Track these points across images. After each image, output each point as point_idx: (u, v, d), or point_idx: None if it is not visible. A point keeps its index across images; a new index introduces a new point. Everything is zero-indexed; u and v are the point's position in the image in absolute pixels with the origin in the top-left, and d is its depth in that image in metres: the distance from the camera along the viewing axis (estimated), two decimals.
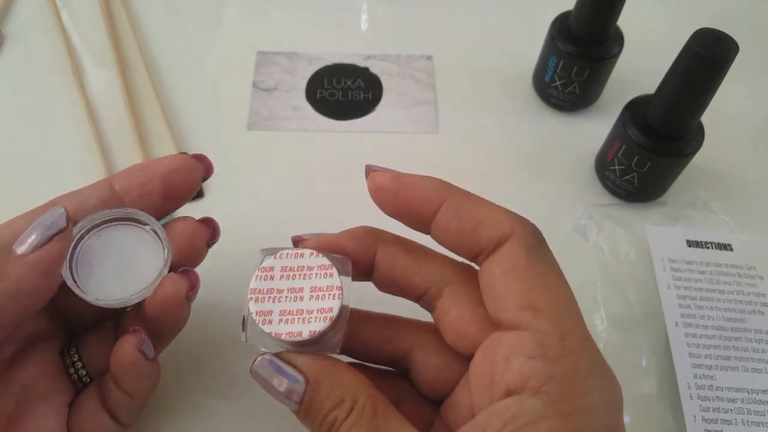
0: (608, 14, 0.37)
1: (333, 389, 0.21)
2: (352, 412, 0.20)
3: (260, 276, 0.22)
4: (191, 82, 0.43)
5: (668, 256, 0.35)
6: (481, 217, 0.22)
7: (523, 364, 0.19)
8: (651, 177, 0.36)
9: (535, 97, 0.44)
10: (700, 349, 0.31)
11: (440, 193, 0.22)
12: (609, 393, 0.20)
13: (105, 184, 0.25)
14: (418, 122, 0.42)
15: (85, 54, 0.45)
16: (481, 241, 0.21)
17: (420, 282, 0.23)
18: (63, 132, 0.41)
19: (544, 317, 0.20)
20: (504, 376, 0.19)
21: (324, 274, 0.22)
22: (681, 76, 0.31)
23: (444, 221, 0.22)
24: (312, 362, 0.21)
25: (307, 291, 0.22)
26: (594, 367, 0.19)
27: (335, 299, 0.22)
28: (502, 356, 0.20)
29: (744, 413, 0.30)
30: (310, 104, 0.43)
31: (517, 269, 0.21)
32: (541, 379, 0.19)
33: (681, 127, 0.34)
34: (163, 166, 0.25)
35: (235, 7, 0.49)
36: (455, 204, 0.22)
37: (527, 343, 0.19)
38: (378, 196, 0.23)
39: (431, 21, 0.48)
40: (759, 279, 0.34)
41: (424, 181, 0.23)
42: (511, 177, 0.40)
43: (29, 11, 0.48)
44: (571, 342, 0.19)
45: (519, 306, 0.20)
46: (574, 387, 0.19)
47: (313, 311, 0.21)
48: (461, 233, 0.22)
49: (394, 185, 0.23)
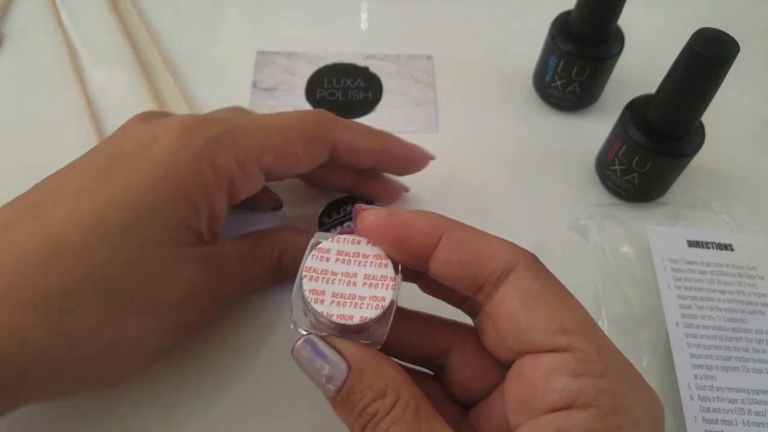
0: (609, 14, 0.37)
1: (376, 380, 0.21)
2: (395, 407, 0.20)
3: (316, 256, 0.22)
4: (191, 81, 0.43)
5: (669, 256, 0.35)
6: (482, 248, 0.21)
7: (569, 383, 0.19)
8: (652, 177, 0.36)
9: (536, 97, 0.44)
10: (701, 349, 0.31)
11: (438, 226, 0.22)
12: (655, 405, 0.20)
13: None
14: (418, 122, 0.42)
15: (85, 53, 0.45)
16: (485, 271, 0.21)
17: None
18: (63, 131, 0.41)
19: (577, 335, 0.19)
20: (547, 397, 0.19)
21: (379, 264, 0.22)
22: (682, 76, 0.31)
23: (444, 254, 0.22)
24: (357, 349, 0.21)
25: (361, 278, 0.22)
26: (635, 380, 0.20)
27: (388, 289, 0.21)
28: (541, 377, 0.19)
29: (744, 414, 0.29)
30: (310, 104, 0.43)
31: (535, 295, 0.20)
32: (590, 395, 0.18)
33: (682, 127, 0.34)
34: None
35: (235, 7, 0.49)
36: (455, 235, 0.22)
37: (569, 362, 0.19)
38: (371, 236, 0.23)
39: (431, 21, 0.48)
40: (760, 279, 0.34)
41: (419, 216, 0.22)
42: (511, 177, 0.40)
43: (29, 10, 0.48)
44: (609, 356, 0.20)
45: (550, 330, 0.20)
46: (623, 400, 0.19)
47: (365, 298, 0.21)
48: (463, 265, 0.21)
49: (388, 222, 0.22)
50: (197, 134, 0.26)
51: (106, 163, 0.25)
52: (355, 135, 0.30)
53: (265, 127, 0.28)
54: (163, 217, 0.24)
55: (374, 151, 0.31)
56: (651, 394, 0.20)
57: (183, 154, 0.25)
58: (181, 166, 0.25)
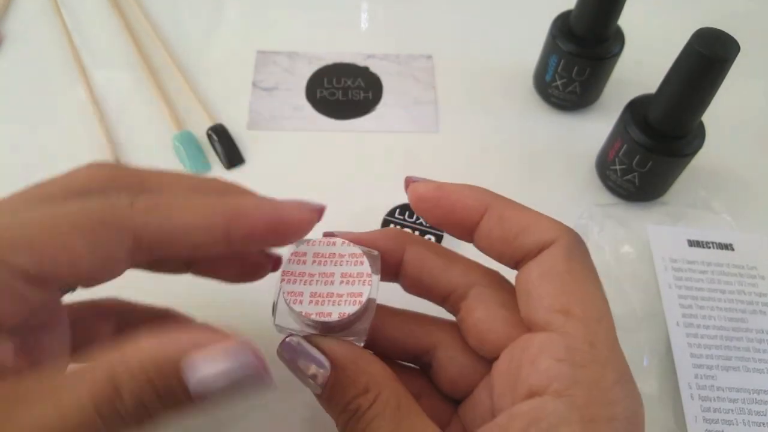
0: (609, 13, 0.37)
1: (358, 377, 0.21)
2: (376, 403, 0.20)
3: (293, 260, 0.23)
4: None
5: (669, 255, 0.35)
6: (525, 224, 0.22)
7: (550, 366, 0.19)
8: (652, 177, 0.36)
9: (536, 96, 0.43)
10: (702, 349, 0.31)
11: (483, 201, 0.22)
12: (633, 406, 0.19)
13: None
14: (418, 122, 0.42)
15: (86, 52, 0.45)
16: (525, 247, 0.21)
17: (447, 284, 0.24)
18: (64, 131, 0.41)
19: (576, 322, 0.20)
20: (529, 377, 0.19)
21: (355, 262, 0.23)
22: (682, 76, 0.31)
23: (487, 229, 0.22)
24: (339, 347, 0.21)
25: (338, 276, 0.22)
26: (621, 379, 0.19)
27: (365, 285, 0.22)
28: (530, 357, 0.20)
29: (745, 413, 0.29)
30: (310, 104, 0.43)
31: (555, 272, 0.21)
32: (565, 382, 0.19)
33: (682, 127, 0.34)
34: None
35: (235, 7, 0.49)
36: (498, 211, 0.22)
37: (556, 345, 0.19)
38: (420, 206, 0.23)
39: (431, 21, 0.48)
40: (760, 279, 0.34)
41: (467, 190, 0.23)
42: (511, 177, 0.39)
43: (29, 10, 0.47)
44: (601, 350, 0.19)
45: (552, 308, 0.20)
46: (600, 394, 0.18)
47: (343, 295, 0.22)
48: (504, 240, 0.22)
49: (437, 195, 0.23)
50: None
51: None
52: (173, 215, 0.20)
53: (24, 222, 0.19)
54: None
55: (213, 233, 0.20)
56: (634, 394, 0.20)
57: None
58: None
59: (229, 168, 0.39)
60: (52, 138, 0.40)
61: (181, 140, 0.39)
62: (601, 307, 0.21)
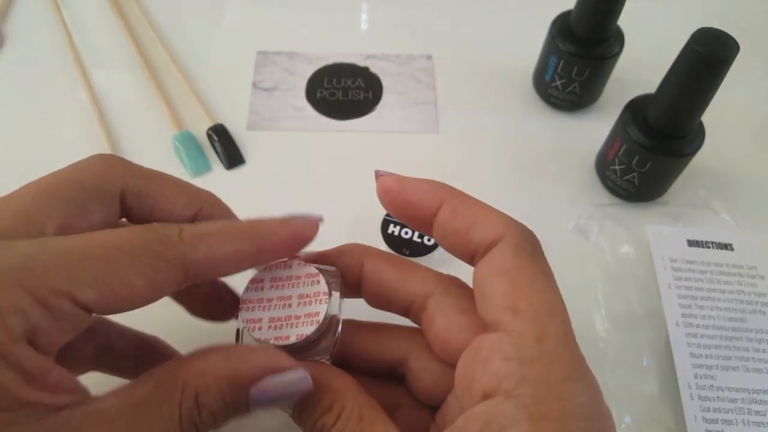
0: (609, 14, 0.37)
1: (322, 395, 0.21)
2: (340, 418, 0.21)
3: (251, 287, 0.23)
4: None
5: (669, 255, 0.35)
6: (475, 218, 0.22)
7: (499, 366, 0.19)
8: (652, 177, 0.36)
9: (536, 96, 0.44)
10: (701, 349, 0.31)
11: (439, 194, 0.23)
12: (588, 399, 0.19)
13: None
14: (418, 122, 0.42)
15: (86, 52, 0.45)
16: (474, 241, 0.22)
17: (405, 295, 0.24)
18: (64, 131, 0.41)
19: (524, 319, 0.19)
20: (481, 379, 0.19)
21: (311, 282, 0.23)
22: (682, 76, 0.31)
23: (441, 221, 0.23)
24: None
25: (295, 298, 0.23)
26: (573, 374, 0.19)
27: (322, 304, 0.22)
28: (481, 359, 0.20)
29: (745, 413, 0.29)
30: (310, 104, 0.43)
31: (504, 270, 0.21)
32: (513, 381, 0.18)
33: (681, 127, 0.34)
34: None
35: (235, 7, 0.49)
36: (452, 205, 0.22)
37: (505, 344, 0.19)
38: (384, 199, 0.24)
39: (431, 21, 0.48)
40: (760, 279, 0.34)
41: (424, 183, 0.23)
42: (511, 177, 0.40)
43: (30, 10, 0.48)
44: (549, 345, 0.19)
45: (501, 306, 0.20)
46: (549, 390, 0.18)
47: (300, 316, 0.22)
48: (456, 233, 0.22)
49: (398, 188, 0.23)
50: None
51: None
52: (214, 244, 0.21)
53: (82, 250, 0.19)
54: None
55: (246, 256, 0.22)
56: (587, 388, 0.19)
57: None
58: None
59: (229, 168, 0.39)
60: (52, 138, 0.40)
61: (181, 140, 0.39)
62: (550, 301, 0.20)
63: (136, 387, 0.19)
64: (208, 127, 0.40)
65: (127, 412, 0.18)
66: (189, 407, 0.19)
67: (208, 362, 0.20)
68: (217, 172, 0.39)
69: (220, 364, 0.20)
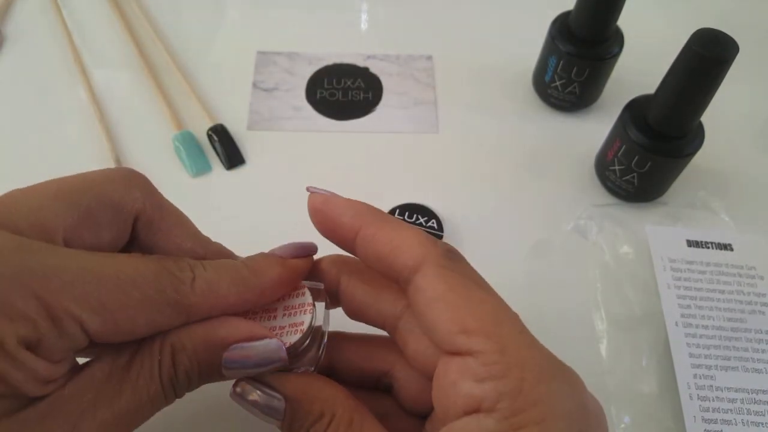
0: (608, 14, 0.37)
1: (312, 405, 0.22)
2: (331, 425, 0.21)
3: None
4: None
5: (668, 255, 0.35)
6: (394, 243, 0.22)
7: (472, 388, 0.19)
8: (651, 177, 0.36)
9: (535, 97, 0.44)
10: (700, 349, 0.31)
11: (358, 218, 0.23)
12: (565, 396, 0.19)
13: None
14: (418, 122, 0.42)
15: (86, 52, 0.45)
16: (396, 268, 0.22)
17: (377, 316, 0.24)
18: (65, 132, 0.41)
19: (478, 336, 0.19)
20: (456, 401, 0.19)
21: (296, 294, 0.23)
22: (681, 76, 0.31)
23: (362, 246, 0.22)
24: (289, 381, 0.22)
25: (281, 310, 0.23)
26: (543, 373, 0.19)
27: (306, 314, 0.22)
28: (450, 383, 0.20)
29: (744, 413, 0.29)
30: (310, 104, 0.43)
31: (437, 296, 0.20)
32: (492, 399, 0.19)
33: (681, 127, 0.34)
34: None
35: (235, 7, 0.49)
36: (371, 230, 0.22)
37: (471, 366, 0.19)
38: (312, 217, 0.24)
39: (431, 21, 0.49)
40: (759, 279, 0.34)
41: (346, 207, 0.23)
42: (511, 177, 0.40)
43: (30, 10, 0.48)
44: (512, 353, 0.19)
45: (451, 332, 0.20)
46: (524, 399, 0.18)
47: (285, 327, 0.22)
48: (378, 259, 0.22)
49: (322, 209, 0.23)
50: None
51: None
52: (221, 296, 0.22)
53: (99, 276, 0.19)
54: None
55: (247, 303, 0.23)
56: (562, 384, 0.19)
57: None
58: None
59: (230, 168, 0.39)
60: (52, 138, 0.40)
61: (181, 140, 0.39)
62: (493, 309, 0.20)
63: (119, 350, 0.20)
64: (209, 127, 0.40)
65: (114, 373, 0.20)
66: (167, 365, 0.21)
67: (186, 325, 0.21)
68: (218, 172, 0.39)
69: (197, 327, 0.21)
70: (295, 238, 0.25)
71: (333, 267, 0.25)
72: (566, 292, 0.35)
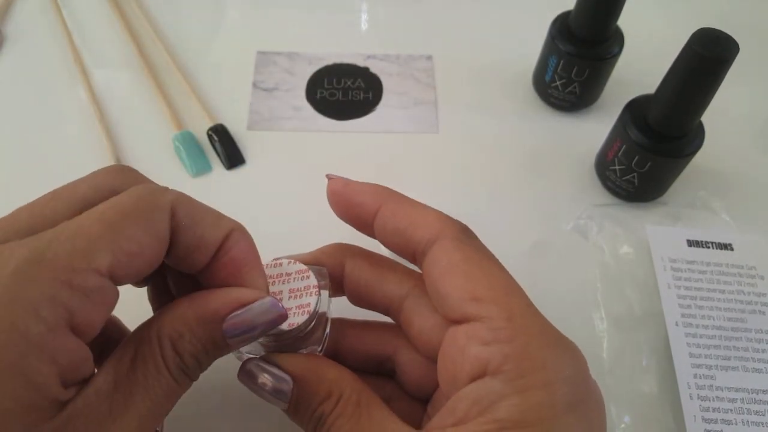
0: (608, 14, 0.37)
1: (319, 385, 0.22)
2: (338, 405, 0.21)
3: None
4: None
5: (669, 255, 0.35)
6: (412, 218, 0.23)
7: (480, 351, 0.20)
8: (651, 177, 0.36)
9: (536, 97, 0.44)
10: (701, 349, 0.31)
11: (379, 196, 0.24)
12: (569, 363, 0.20)
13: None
14: (418, 122, 0.42)
15: (86, 52, 0.45)
16: (414, 240, 0.23)
17: (382, 297, 0.25)
18: (65, 132, 0.41)
19: (488, 303, 0.20)
20: (464, 367, 0.20)
21: (301, 277, 0.24)
22: (681, 76, 0.31)
23: (381, 222, 0.24)
24: (297, 361, 0.22)
25: (287, 293, 0.23)
26: (547, 340, 0.20)
27: (312, 296, 0.23)
28: (459, 349, 0.21)
29: (744, 413, 0.29)
30: (310, 104, 0.43)
31: (452, 265, 0.22)
32: (497, 361, 0.19)
33: (681, 127, 0.34)
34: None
35: (235, 7, 0.49)
36: (391, 207, 0.24)
37: (479, 331, 0.20)
38: (332, 199, 0.25)
39: (431, 21, 0.48)
40: (760, 279, 0.34)
41: (366, 186, 0.24)
42: (511, 177, 0.40)
43: (30, 10, 0.48)
44: (519, 321, 0.20)
45: (462, 299, 0.21)
46: (530, 363, 0.19)
47: (291, 308, 0.23)
48: (396, 233, 0.23)
49: (342, 191, 0.24)
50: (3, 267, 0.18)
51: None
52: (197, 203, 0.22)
53: (81, 223, 0.19)
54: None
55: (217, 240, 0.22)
56: (566, 353, 0.20)
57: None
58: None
59: (230, 168, 0.39)
60: (52, 138, 0.40)
61: (181, 140, 0.39)
62: (505, 282, 0.22)
63: (120, 357, 0.20)
64: (209, 127, 0.40)
65: (121, 381, 0.19)
66: (171, 356, 0.20)
67: (175, 311, 0.21)
68: (218, 172, 0.39)
69: (186, 310, 0.21)
70: (294, 237, 0.25)
71: (337, 251, 0.26)
72: (566, 292, 0.35)
